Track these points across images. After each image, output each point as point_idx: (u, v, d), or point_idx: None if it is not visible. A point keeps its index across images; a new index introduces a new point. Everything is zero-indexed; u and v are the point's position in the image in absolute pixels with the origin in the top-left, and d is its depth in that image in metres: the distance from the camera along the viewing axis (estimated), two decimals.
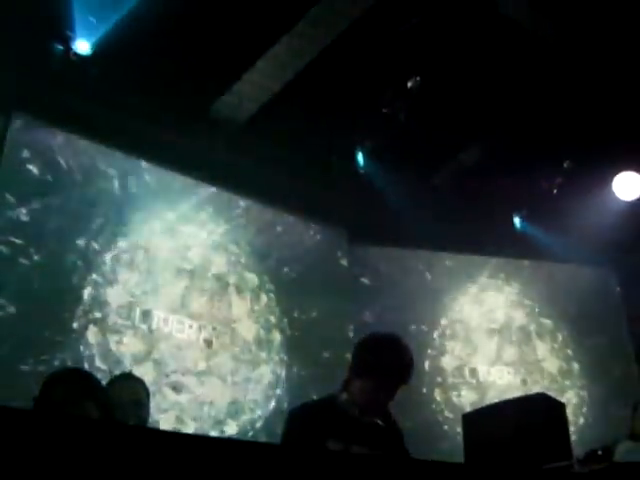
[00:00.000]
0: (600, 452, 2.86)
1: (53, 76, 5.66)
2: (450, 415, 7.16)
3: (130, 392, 3.74)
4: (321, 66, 5.83)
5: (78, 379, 3.26)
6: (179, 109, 6.12)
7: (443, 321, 7.65)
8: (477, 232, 7.58)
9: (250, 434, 6.10)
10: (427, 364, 7.24)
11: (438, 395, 7.26)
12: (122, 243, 5.96)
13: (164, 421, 5.58)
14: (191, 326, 6.12)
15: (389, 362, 3.35)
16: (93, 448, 1.75)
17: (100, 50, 5.66)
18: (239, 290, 6.56)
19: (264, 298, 6.69)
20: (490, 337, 7.74)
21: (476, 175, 7.20)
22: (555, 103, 6.46)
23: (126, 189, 6.12)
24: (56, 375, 3.31)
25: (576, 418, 7.43)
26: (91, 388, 3.18)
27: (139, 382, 3.89)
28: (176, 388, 5.84)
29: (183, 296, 6.18)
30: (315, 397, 4.24)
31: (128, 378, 4.04)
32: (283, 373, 6.53)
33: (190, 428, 5.75)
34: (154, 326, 5.90)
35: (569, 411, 7.24)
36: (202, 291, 6.32)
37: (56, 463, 1.68)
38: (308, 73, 5.89)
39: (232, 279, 6.55)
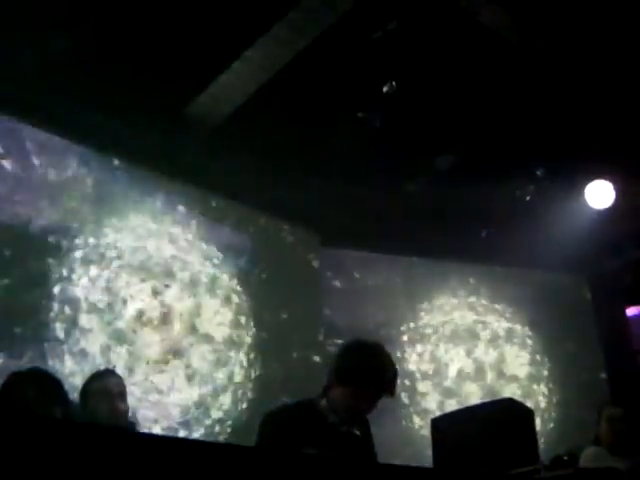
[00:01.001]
0: (566, 457, 2.88)
1: (27, 73, 5.60)
2: (417, 420, 7.17)
3: (115, 384, 4.11)
4: (297, 69, 5.82)
5: (50, 383, 3.30)
6: (153, 109, 6.09)
7: (412, 325, 7.67)
8: (448, 238, 7.61)
9: (220, 436, 6.08)
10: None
11: (406, 399, 7.27)
12: (92, 240, 5.91)
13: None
14: (160, 325, 6.09)
15: (372, 373, 3.34)
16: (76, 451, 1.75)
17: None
18: (210, 290, 6.53)
19: (235, 298, 6.66)
20: (459, 342, 7.78)
21: (449, 182, 7.21)
22: (529, 111, 6.49)
23: (98, 188, 6.07)
24: (25, 375, 3.33)
25: (544, 423, 7.49)
26: (61, 395, 3.23)
27: (120, 377, 4.27)
28: (145, 388, 5.81)
29: (153, 294, 6.15)
30: (285, 399, 4.24)
31: (112, 373, 4.36)
32: (252, 374, 6.51)
33: (157, 429, 5.72)
34: (123, 324, 5.86)
35: (537, 416, 7.31)
36: (172, 290, 6.28)
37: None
38: (284, 76, 5.87)
39: (203, 278, 6.52)
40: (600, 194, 7.24)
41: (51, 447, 1.70)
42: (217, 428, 6.12)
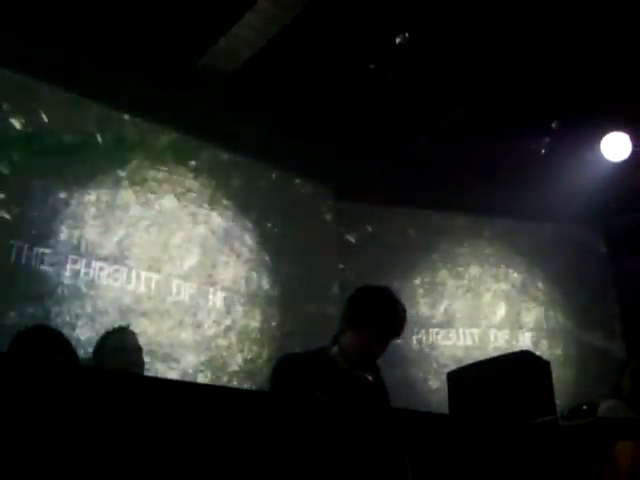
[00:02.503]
0: (585, 407, 2.87)
1: (33, 29, 5.54)
2: (431, 372, 7.19)
3: (131, 341, 4.16)
4: (309, 19, 5.74)
5: (53, 336, 3.35)
6: (164, 62, 6.04)
7: (427, 279, 7.65)
8: (463, 191, 7.57)
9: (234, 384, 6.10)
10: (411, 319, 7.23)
11: (419, 349, 7.28)
12: (105, 197, 5.89)
13: None
14: (175, 282, 6.08)
15: (384, 314, 3.41)
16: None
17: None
18: (221, 244, 6.51)
19: (246, 253, 6.65)
20: (474, 295, 7.76)
21: (463, 135, 7.16)
22: (542, 63, 6.40)
23: (109, 142, 6.03)
24: (29, 331, 3.38)
25: (559, 376, 7.49)
26: (66, 346, 3.28)
27: (134, 333, 4.25)
28: (160, 343, 5.83)
29: (164, 249, 6.13)
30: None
31: (127, 330, 4.32)
32: (268, 328, 6.52)
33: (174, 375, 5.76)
34: (133, 282, 5.84)
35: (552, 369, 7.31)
36: (184, 244, 6.27)
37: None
38: (296, 26, 5.79)
39: (215, 232, 6.50)
40: (616, 146, 7.16)
41: (62, 390, 1.70)
42: (235, 382, 6.13)
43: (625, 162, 7.20)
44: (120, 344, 4.09)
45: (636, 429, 2.78)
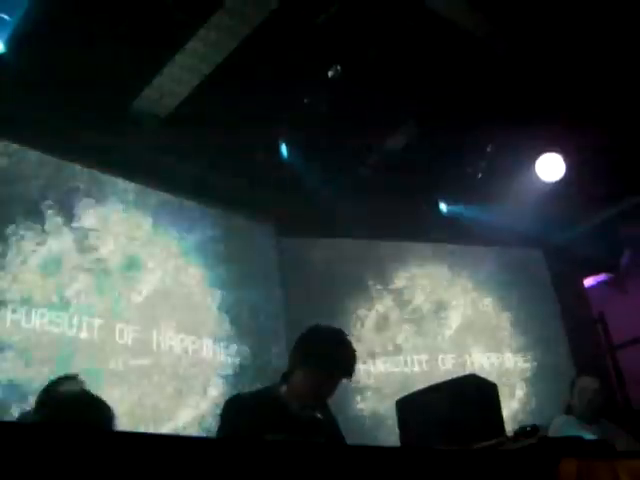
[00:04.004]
0: (529, 428, 2.90)
1: None
2: (378, 405, 7.18)
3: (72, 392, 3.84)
4: (240, 58, 5.78)
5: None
6: (99, 106, 6.01)
7: (372, 308, 7.66)
8: (404, 219, 7.64)
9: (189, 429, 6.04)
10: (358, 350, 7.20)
11: (369, 381, 7.28)
12: (41, 247, 5.83)
13: None
14: (125, 328, 6.03)
15: (334, 355, 3.36)
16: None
17: (14, 47, 5.49)
18: (172, 284, 6.50)
19: (196, 293, 6.64)
20: (420, 322, 7.79)
21: (401, 164, 7.23)
22: (475, 87, 6.52)
23: (45, 189, 5.98)
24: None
25: (513, 396, 7.55)
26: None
27: (80, 382, 4.00)
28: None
29: (118, 299, 6.09)
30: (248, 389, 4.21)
31: (70, 379, 4.06)
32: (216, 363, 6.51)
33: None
34: (74, 328, 5.75)
35: (507, 389, 7.40)
36: (138, 289, 6.24)
37: None
38: (228, 66, 5.83)
39: (161, 274, 6.47)
40: (550, 167, 7.30)
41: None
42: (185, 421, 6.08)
43: (559, 182, 7.34)
44: (59, 399, 3.87)
45: (579, 446, 2.81)
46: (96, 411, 3.88)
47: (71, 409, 3.72)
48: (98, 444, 1.86)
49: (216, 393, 6.31)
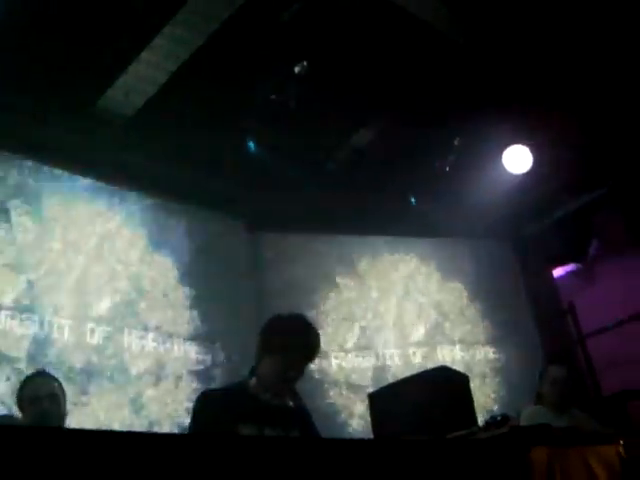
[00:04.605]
0: (499, 418, 2.93)
1: None
2: (351, 395, 7.20)
3: (45, 387, 4.08)
4: (206, 55, 5.76)
5: None
6: (63, 106, 5.96)
7: (346, 301, 7.68)
8: (374, 213, 7.66)
9: None
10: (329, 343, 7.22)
11: (340, 374, 7.30)
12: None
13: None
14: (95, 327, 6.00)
15: (296, 338, 3.42)
16: None
17: None
18: (139, 284, 6.46)
19: (169, 291, 6.62)
20: (393, 315, 7.81)
21: (369, 159, 7.25)
22: (441, 81, 6.54)
23: (10, 188, 5.93)
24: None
25: (485, 386, 7.61)
26: None
27: (53, 379, 4.23)
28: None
29: (86, 298, 6.04)
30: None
31: (41, 375, 4.31)
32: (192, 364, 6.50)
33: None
34: (45, 328, 5.71)
35: (479, 379, 7.46)
36: (111, 290, 6.21)
37: None
38: (194, 62, 5.80)
39: (132, 274, 6.45)
40: (518, 159, 7.34)
41: None
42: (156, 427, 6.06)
43: (527, 174, 7.38)
44: (32, 395, 4.04)
45: (549, 434, 2.84)
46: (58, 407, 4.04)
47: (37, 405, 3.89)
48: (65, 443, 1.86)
49: (188, 390, 6.31)
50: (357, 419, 6.83)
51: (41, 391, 4.05)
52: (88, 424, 5.44)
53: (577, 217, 8.32)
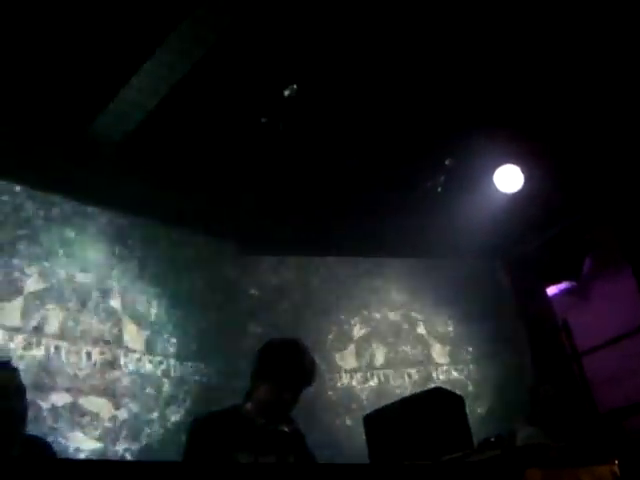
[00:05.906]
0: (493, 439, 2.91)
1: None
2: (348, 421, 7.16)
3: (10, 383, 3.64)
4: (196, 79, 5.77)
5: None
6: (55, 132, 5.97)
7: (336, 325, 7.65)
8: (363, 234, 7.66)
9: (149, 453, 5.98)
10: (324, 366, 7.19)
11: (334, 397, 7.27)
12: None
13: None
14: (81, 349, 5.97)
15: (292, 363, 3.43)
16: None
17: None
18: (129, 306, 6.43)
19: (153, 313, 6.58)
20: (385, 337, 7.79)
21: (361, 180, 7.25)
22: (431, 102, 6.55)
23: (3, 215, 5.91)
24: None
25: (475, 408, 7.57)
26: None
27: (13, 369, 3.76)
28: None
29: (73, 318, 6.01)
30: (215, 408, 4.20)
31: (3, 367, 3.80)
32: (176, 386, 6.45)
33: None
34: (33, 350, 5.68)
35: (468, 401, 7.41)
36: (91, 312, 6.17)
37: None
38: (183, 87, 5.81)
39: (121, 296, 6.42)
40: (509, 178, 7.35)
41: None
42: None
43: (519, 193, 7.39)
44: None
45: (543, 455, 2.83)
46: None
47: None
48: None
49: (183, 411, 6.30)
50: (353, 441, 6.80)
51: (5, 386, 3.62)
52: None
53: (570, 235, 8.33)
